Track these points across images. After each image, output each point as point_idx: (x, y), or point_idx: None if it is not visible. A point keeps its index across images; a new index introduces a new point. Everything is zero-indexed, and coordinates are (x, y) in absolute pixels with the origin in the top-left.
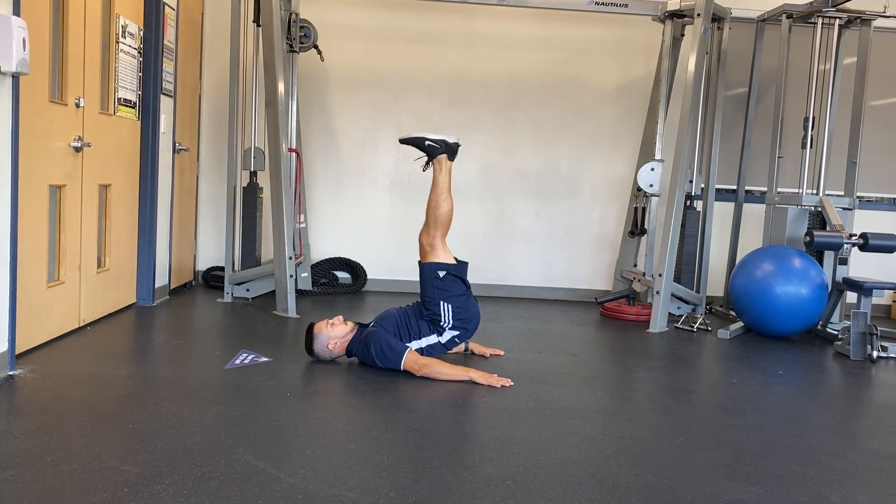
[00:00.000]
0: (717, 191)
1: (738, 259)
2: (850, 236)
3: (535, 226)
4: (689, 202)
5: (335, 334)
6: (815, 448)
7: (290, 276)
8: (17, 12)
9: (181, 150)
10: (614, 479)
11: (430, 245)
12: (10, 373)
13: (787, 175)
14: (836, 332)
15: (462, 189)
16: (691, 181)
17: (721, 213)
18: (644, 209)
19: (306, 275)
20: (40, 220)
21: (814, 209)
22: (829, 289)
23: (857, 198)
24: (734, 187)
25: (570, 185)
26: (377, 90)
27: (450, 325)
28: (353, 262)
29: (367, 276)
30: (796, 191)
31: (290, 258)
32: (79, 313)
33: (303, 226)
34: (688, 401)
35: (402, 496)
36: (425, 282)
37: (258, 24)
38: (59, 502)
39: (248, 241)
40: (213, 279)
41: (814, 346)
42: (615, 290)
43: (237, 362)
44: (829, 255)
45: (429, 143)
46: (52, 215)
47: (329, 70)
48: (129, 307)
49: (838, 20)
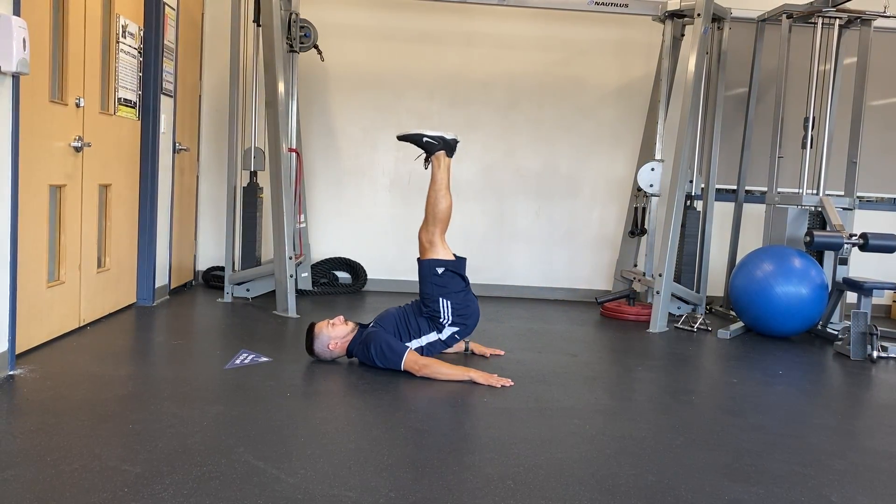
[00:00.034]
0: (718, 191)
1: (739, 259)
2: (851, 236)
3: (535, 226)
4: (689, 202)
5: (336, 334)
6: (816, 448)
7: (291, 276)
8: (17, 12)
9: (181, 149)
10: (614, 479)
11: (430, 242)
12: (11, 373)
13: (787, 175)
14: (836, 333)
15: (462, 189)
16: (691, 181)
17: (721, 213)
18: (644, 209)
19: (306, 275)
20: (40, 220)
21: (814, 209)
22: (830, 289)
23: (858, 198)
24: (734, 187)
25: (570, 185)
26: (377, 90)
27: (449, 322)
28: (354, 262)
29: (367, 276)
30: (796, 191)
31: (291, 258)
32: (79, 313)
33: (303, 226)
34: (688, 401)
35: (402, 496)
36: (424, 279)
37: (258, 24)
38: (60, 502)
39: (248, 241)
40: (213, 279)
41: (814, 347)
42: (615, 290)
43: (237, 362)
44: (829, 255)
45: (426, 139)
46: (53, 215)
47: (329, 70)
48: (129, 307)
49: (838, 20)
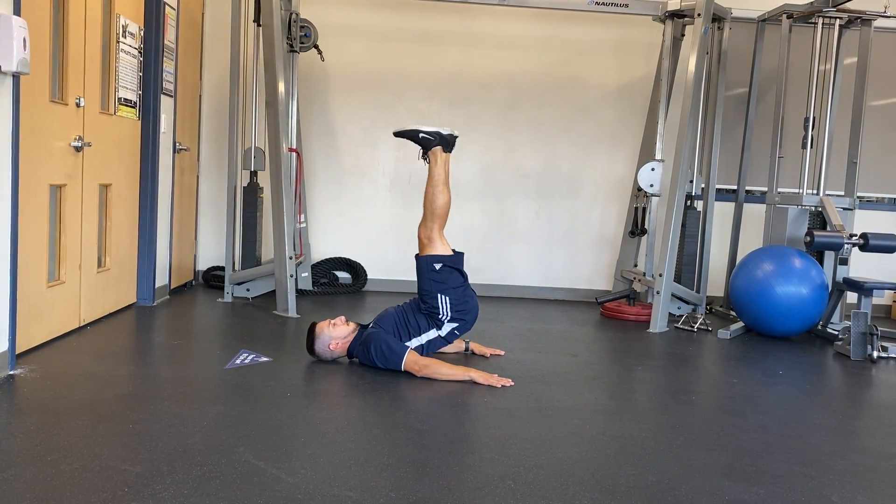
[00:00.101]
0: (718, 191)
1: (739, 259)
2: (851, 236)
3: (535, 226)
4: (689, 202)
5: (337, 335)
6: (816, 448)
7: (291, 276)
8: (17, 12)
9: (181, 149)
10: (614, 479)
11: (428, 238)
12: (11, 372)
13: (787, 175)
14: (836, 333)
15: (462, 189)
16: (692, 181)
17: (721, 213)
18: (644, 209)
19: (306, 275)
20: (41, 220)
21: (814, 209)
22: (830, 289)
23: (858, 198)
24: (734, 187)
25: (570, 184)
26: (377, 90)
27: (448, 318)
28: (354, 262)
29: (367, 275)
30: (797, 191)
31: (291, 258)
32: (79, 313)
33: (303, 225)
34: (688, 401)
35: (402, 496)
36: (422, 275)
37: (258, 24)
38: (60, 502)
39: (248, 241)
40: (213, 279)
41: (814, 347)
42: (615, 290)
43: (237, 362)
44: (829, 256)
45: (423, 135)
46: (53, 215)
47: (329, 70)
48: (129, 307)
49: (839, 20)
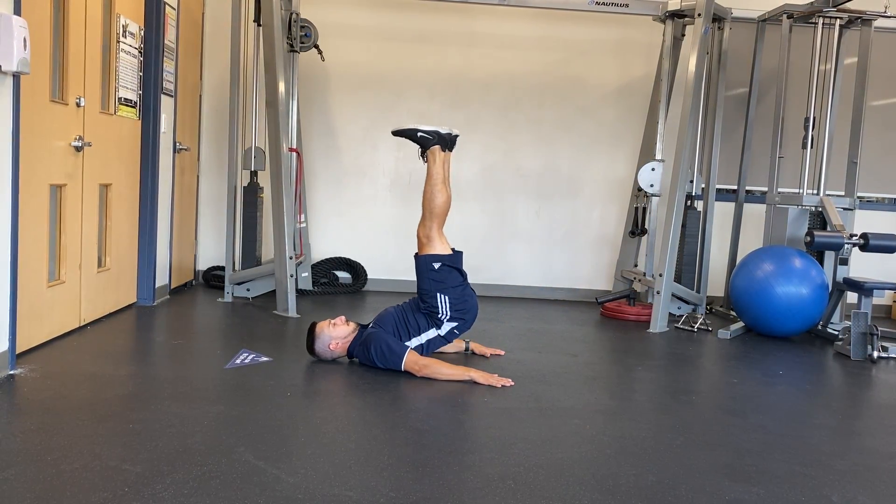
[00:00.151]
0: (718, 191)
1: (739, 259)
2: (851, 236)
3: (535, 226)
4: (689, 202)
5: (337, 335)
6: (816, 448)
7: (291, 276)
8: (17, 11)
9: (182, 149)
10: (615, 479)
11: (427, 237)
12: (11, 372)
13: (787, 175)
14: (836, 333)
15: (462, 189)
16: (692, 181)
17: (721, 213)
18: (645, 209)
19: (307, 274)
20: (41, 220)
21: (814, 209)
22: (830, 289)
23: (858, 198)
24: (735, 187)
25: (570, 184)
26: (378, 90)
27: (448, 317)
28: (354, 262)
29: (367, 275)
30: (797, 191)
31: (291, 258)
32: (79, 313)
33: (303, 225)
34: (688, 401)
35: (402, 496)
36: (421, 274)
37: (259, 24)
38: (60, 502)
39: (248, 241)
40: (213, 279)
41: (814, 347)
42: (616, 290)
43: (238, 362)
44: (829, 256)
45: (421, 134)
46: (53, 215)
47: (329, 70)
48: (129, 307)
49: (839, 20)
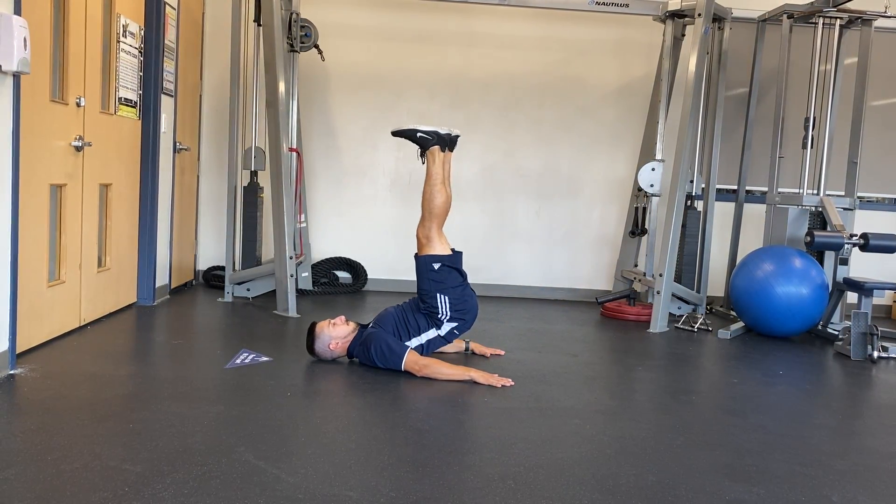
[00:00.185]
0: (718, 191)
1: (739, 259)
2: (851, 236)
3: (535, 226)
4: (689, 202)
5: (337, 334)
6: (816, 448)
7: (291, 276)
8: (18, 11)
9: (182, 149)
10: (615, 479)
11: (427, 237)
12: (11, 372)
13: (787, 175)
14: (836, 333)
15: (463, 189)
16: (692, 181)
17: (722, 213)
18: (645, 209)
19: (307, 274)
20: (41, 220)
21: (814, 209)
22: (830, 289)
23: (858, 198)
24: (735, 187)
25: (570, 184)
26: (378, 90)
27: (447, 318)
28: (354, 262)
29: (367, 275)
30: (797, 191)
31: (291, 258)
32: (79, 313)
33: (303, 225)
34: (688, 401)
35: (402, 495)
36: (421, 275)
37: (259, 24)
38: (60, 501)
39: (248, 241)
40: (213, 279)
41: (814, 347)
42: (616, 290)
43: (238, 362)
44: (829, 256)
45: (420, 134)
46: (53, 215)
47: (330, 70)
48: (129, 307)
49: (839, 20)
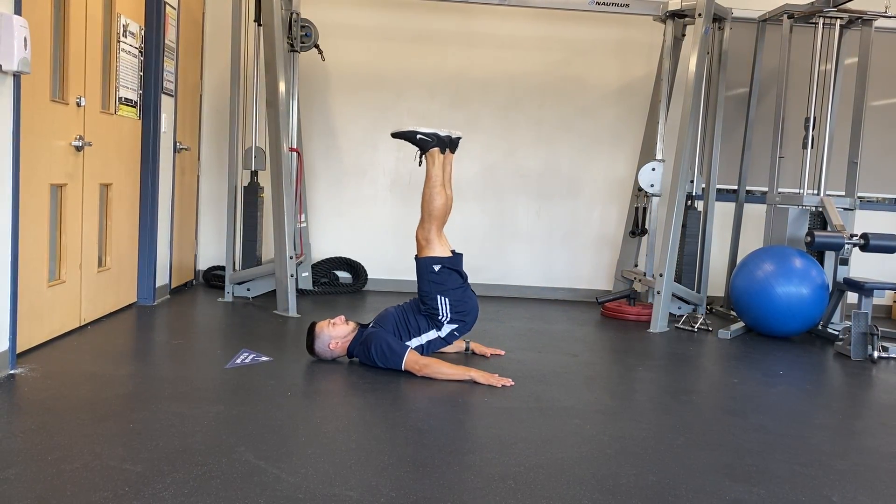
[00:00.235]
0: (718, 191)
1: (739, 259)
2: (851, 237)
3: (535, 226)
4: (689, 202)
5: (336, 334)
6: (816, 448)
7: (291, 276)
8: (18, 11)
9: (182, 149)
10: (615, 478)
11: (426, 239)
12: (11, 372)
13: (788, 175)
14: (836, 333)
15: (463, 189)
16: (692, 181)
17: (722, 213)
18: (645, 209)
19: (307, 274)
20: (41, 220)
21: (815, 209)
22: (830, 289)
23: (858, 198)
24: (735, 187)
25: (570, 184)
26: (378, 90)
27: (448, 319)
28: (354, 262)
29: (367, 275)
30: (797, 191)
31: (291, 257)
32: (80, 312)
33: (303, 225)
34: (688, 401)
35: (402, 495)
36: (421, 276)
37: (259, 24)
38: (61, 501)
39: (248, 241)
40: (213, 278)
41: (814, 347)
42: (616, 290)
43: (238, 361)
44: (829, 256)
45: (420, 136)
46: (53, 214)
47: (330, 70)
48: (129, 306)
49: (839, 20)
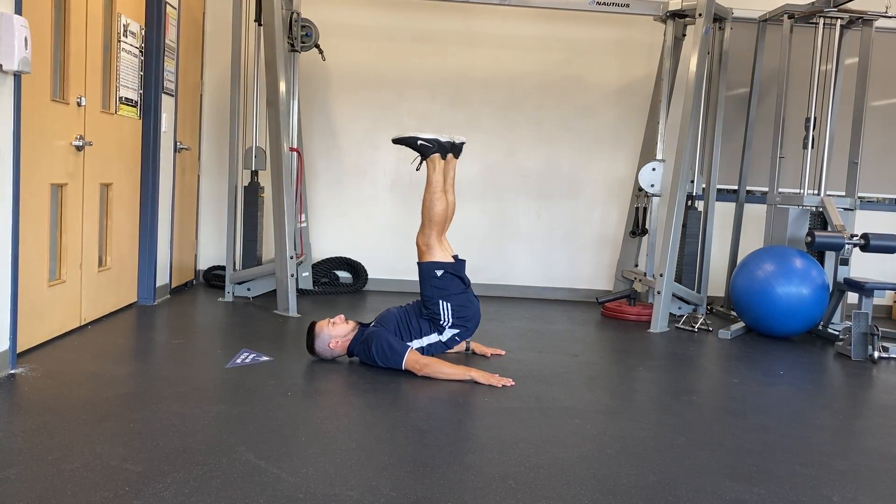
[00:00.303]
0: (719, 191)
1: (739, 259)
2: (852, 237)
3: (536, 226)
4: (690, 202)
5: (336, 333)
6: (817, 448)
7: (291, 276)
8: (18, 11)
9: (182, 149)
10: (615, 478)
11: (426, 245)
12: (12, 371)
13: (788, 175)
14: (837, 333)
15: (463, 189)
16: (692, 181)
17: (722, 213)
18: (645, 209)
19: (307, 274)
20: (42, 219)
21: (815, 209)
22: (831, 289)
23: (859, 198)
24: (735, 187)
25: (571, 185)
26: (378, 90)
27: (450, 324)
28: (354, 262)
29: (367, 275)
30: (797, 191)
31: (291, 257)
32: (80, 312)
33: (304, 225)
34: (689, 401)
35: (403, 495)
36: (424, 281)
37: (260, 24)
38: (61, 501)
39: (249, 241)
40: (214, 278)
41: (815, 347)
42: (616, 290)
43: (238, 361)
44: (830, 256)
45: (421, 142)
46: (54, 214)
47: (330, 70)
48: (130, 306)
49: (840, 20)
